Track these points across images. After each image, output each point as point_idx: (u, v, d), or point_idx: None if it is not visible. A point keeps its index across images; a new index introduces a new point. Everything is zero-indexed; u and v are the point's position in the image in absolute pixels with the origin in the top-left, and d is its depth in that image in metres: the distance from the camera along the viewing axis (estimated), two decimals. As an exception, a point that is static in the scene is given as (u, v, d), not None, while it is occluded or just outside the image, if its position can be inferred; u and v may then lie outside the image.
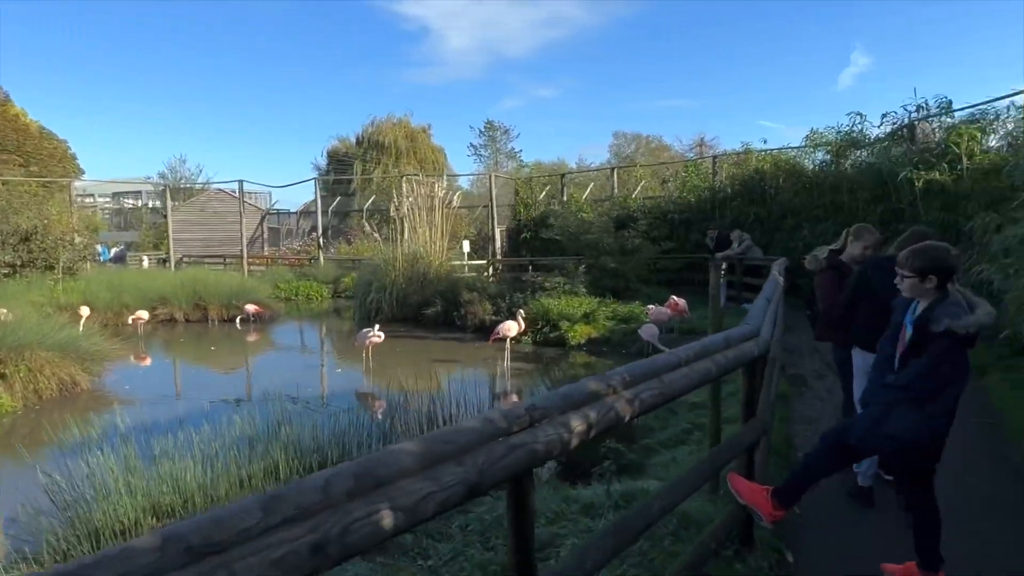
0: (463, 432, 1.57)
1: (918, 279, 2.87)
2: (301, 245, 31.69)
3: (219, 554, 1.08)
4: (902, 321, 3.02)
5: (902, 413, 2.83)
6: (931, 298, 2.87)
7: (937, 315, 2.77)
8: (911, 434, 2.82)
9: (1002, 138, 11.54)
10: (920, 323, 2.84)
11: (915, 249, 2.95)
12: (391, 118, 42.88)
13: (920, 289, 2.89)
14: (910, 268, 2.89)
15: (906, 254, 2.95)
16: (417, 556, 3.38)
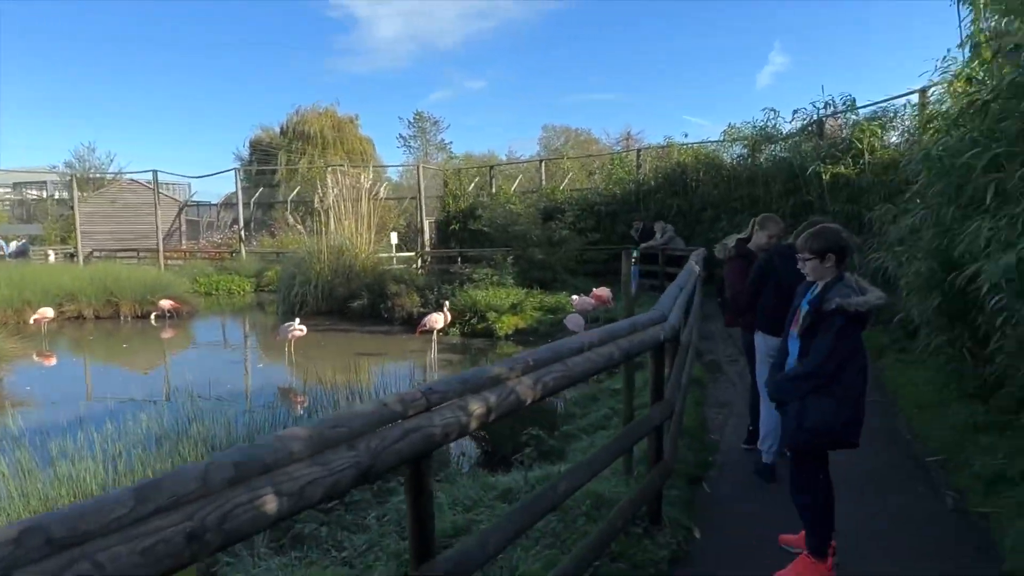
0: (355, 416, 1.56)
1: (818, 260, 3.02)
2: (222, 238, 30.51)
3: (81, 545, 1.04)
4: (800, 304, 3.17)
5: (815, 404, 2.95)
6: (830, 278, 3.02)
7: (830, 296, 2.92)
8: (829, 422, 2.94)
9: (900, 134, 12.28)
10: (815, 303, 2.98)
11: (811, 233, 3.11)
12: (317, 107, 41.79)
13: (821, 269, 3.03)
14: (809, 250, 3.05)
15: (804, 238, 3.12)
16: (331, 548, 3.34)
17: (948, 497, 4.06)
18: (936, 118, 6.99)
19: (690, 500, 4.03)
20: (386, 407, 1.65)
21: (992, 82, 5.16)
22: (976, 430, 4.81)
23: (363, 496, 4.04)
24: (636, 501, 3.13)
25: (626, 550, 3.18)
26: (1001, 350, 4.66)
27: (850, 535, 3.48)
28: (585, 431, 5.69)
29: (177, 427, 5.45)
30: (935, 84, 8.23)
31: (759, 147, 15.23)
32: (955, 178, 5.15)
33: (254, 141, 42.28)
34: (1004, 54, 5.01)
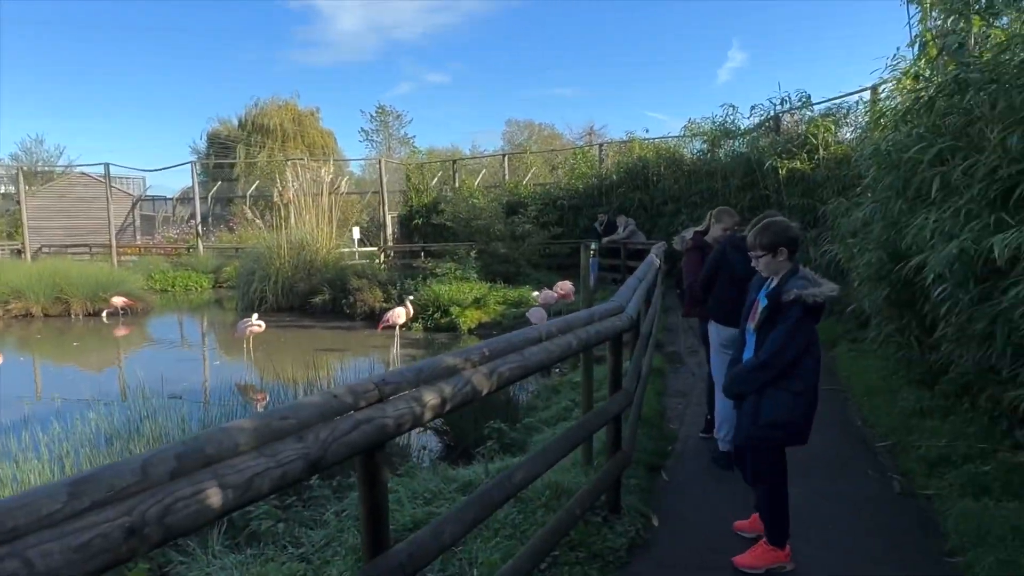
0: (304, 407, 1.54)
1: (770, 255, 3.03)
2: (179, 234, 29.79)
3: (11, 542, 1.01)
4: (756, 298, 3.16)
5: (771, 398, 2.94)
6: (784, 271, 3.03)
7: (788, 287, 2.94)
8: (786, 416, 2.94)
9: (853, 130, 12.60)
10: (773, 295, 2.98)
11: (759, 228, 3.11)
12: (276, 100, 41.14)
13: (774, 264, 3.04)
14: (760, 246, 3.05)
15: (753, 235, 3.11)
16: (288, 545, 3.30)
17: (895, 480, 4.19)
18: (885, 114, 7.18)
19: (649, 488, 4.09)
20: (336, 398, 1.63)
21: (937, 79, 5.33)
22: (922, 415, 4.98)
23: (321, 492, 3.99)
24: (594, 490, 3.16)
25: (585, 539, 3.21)
26: (945, 338, 4.82)
27: (803, 518, 3.58)
28: (547, 423, 5.72)
29: (129, 426, 5.31)
30: (886, 81, 8.45)
31: (718, 142, 15.48)
32: (903, 172, 5.31)
33: (212, 134, 41.43)
34: (948, 52, 5.17)
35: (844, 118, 12.67)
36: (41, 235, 27.18)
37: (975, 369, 4.47)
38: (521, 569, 2.46)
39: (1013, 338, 3.70)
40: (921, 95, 5.38)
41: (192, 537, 3.44)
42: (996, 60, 4.39)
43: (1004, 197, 3.76)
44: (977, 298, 4.12)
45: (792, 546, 3.15)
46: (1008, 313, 3.61)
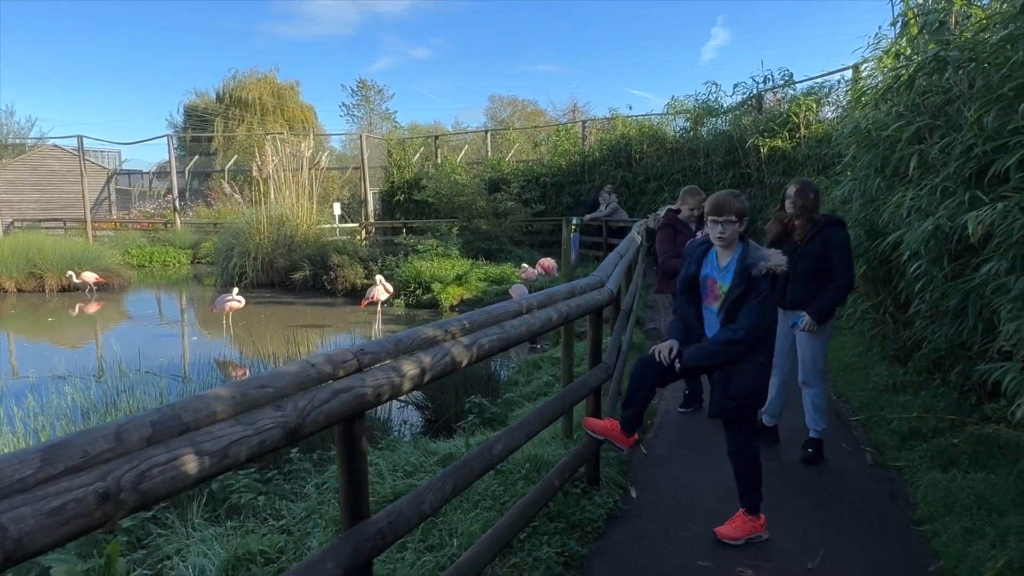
0: (282, 376, 1.53)
1: (739, 223, 2.96)
2: (155, 208, 29.31)
3: (-19, 508, 1.00)
4: (698, 273, 3.09)
5: (739, 372, 2.95)
6: (734, 244, 2.98)
7: (754, 259, 2.93)
8: (757, 387, 3.00)
9: (835, 109, 12.66)
10: (743, 271, 2.93)
11: (732, 194, 3.03)
12: (255, 73, 40.43)
13: (737, 233, 2.97)
14: (736, 213, 2.94)
15: (725, 202, 2.96)
16: (269, 517, 3.31)
17: (868, 453, 4.28)
18: (866, 93, 7.21)
19: (628, 461, 4.14)
20: (314, 367, 1.62)
21: (917, 58, 5.36)
22: (895, 390, 5.08)
23: (302, 465, 4.00)
24: (573, 461, 3.20)
25: (564, 510, 3.25)
26: (919, 314, 4.91)
27: (778, 490, 3.65)
28: (528, 398, 5.76)
29: (106, 400, 5.26)
30: (867, 60, 8.49)
31: (701, 120, 15.47)
32: (882, 150, 5.35)
33: (189, 107, 40.65)
34: (929, 30, 5.19)
35: (826, 97, 12.71)
36: (13, 209, 26.62)
37: (947, 345, 4.56)
38: (500, 538, 2.49)
39: (984, 314, 3.78)
40: (901, 74, 5.40)
41: (171, 510, 3.45)
42: (975, 39, 4.42)
43: (979, 175, 3.80)
44: (951, 275, 4.20)
45: (766, 516, 3.22)
46: (980, 289, 3.67)
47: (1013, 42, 3.56)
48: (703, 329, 3.12)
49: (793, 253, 3.78)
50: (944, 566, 2.90)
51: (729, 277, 2.99)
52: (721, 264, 3.05)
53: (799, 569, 2.93)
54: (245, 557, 2.75)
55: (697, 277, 3.10)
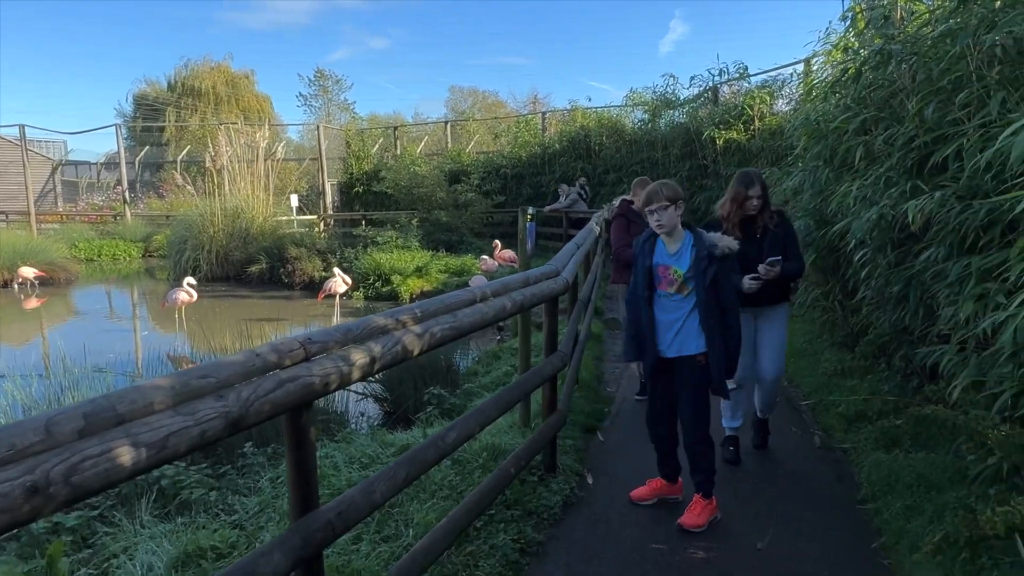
0: (225, 366, 1.50)
1: (674, 207, 3.04)
2: (104, 200, 28.33)
3: None
4: (651, 264, 3.14)
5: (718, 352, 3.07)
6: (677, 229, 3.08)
7: (710, 242, 3.06)
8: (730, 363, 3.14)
9: (787, 102, 12.93)
10: (708, 254, 3.02)
11: (662, 183, 3.11)
12: (209, 61, 39.37)
13: (675, 218, 3.05)
14: (668, 198, 3.03)
15: (654, 191, 3.06)
16: (221, 512, 3.25)
17: (816, 436, 4.41)
18: (816, 86, 7.37)
19: (585, 448, 4.19)
20: (259, 357, 1.60)
21: (864, 52, 5.50)
22: (843, 375, 5.24)
23: (256, 459, 3.94)
24: (529, 449, 3.21)
25: (521, 497, 3.27)
26: (865, 301, 5.06)
27: (731, 472, 3.74)
28: (487, 388, 5.76)
29: (49, 397, 5.08)
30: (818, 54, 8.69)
31: (659, 112, 15.64)
32: (830, 142, 5.48)
33: (138, 96, 39.38)
34: (875, 25, 5.33)
35: (779, 90, 12.97)
36: (-49, 201, 25.46)
37: (891, 330, 4.71)
38: (456, 526, 2.49)
39: (925, 299, 3.91)
40: (849, 67, 5.54)
41: (119, 507, 3.36)
42: (918, 34, 4.55)
43: (920, 165, 3.93)
44: (894, 262, 4.33)
45: (719, 498, 3.30)
46: (920, 275, 3.80)
47: (952, 37, 3.67)
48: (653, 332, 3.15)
49: (754, 247, 3.70)
50: (886, 542, 3.02)
51: (684, 261, 3.07)
52: (671, 251, 3.12)
53: (749, 549, 3.01)
54: (195, 553, 2.70)
55: (649, 269, 3.15)
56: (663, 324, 3.15)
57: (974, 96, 3.32)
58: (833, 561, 2.90)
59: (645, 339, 3.17)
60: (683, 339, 3.13)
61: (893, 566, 2.85)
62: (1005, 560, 2.54)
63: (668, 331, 3.14)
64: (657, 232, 3.11)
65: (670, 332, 3.14)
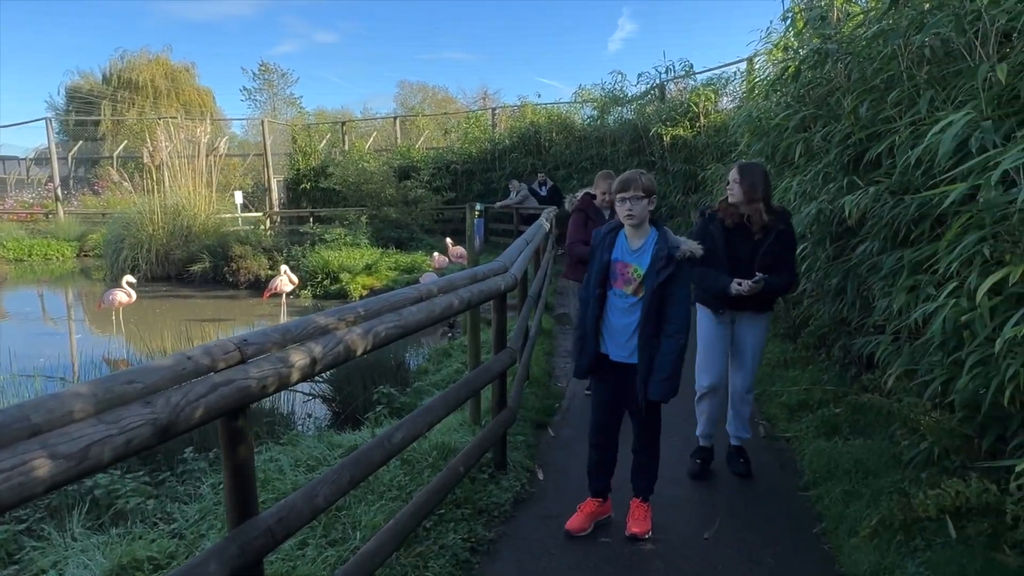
0: (151, 371, 1.43)
1: (648, 200, 2.84)
2: (35, 197, 27.03)
3: None
4: (609, 259, 2.92)
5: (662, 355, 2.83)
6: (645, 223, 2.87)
7: (674, 243, 2.84)
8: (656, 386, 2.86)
9: (731, 100, 13.21)
10: (669, 253, 2.81)
11: (640, 172, 2.89)
12: (146, 53, 37.94)
13: (646, 212, 2.85)
14: (644, 189, 2.82)
15: (632, 178, 2.84)
16: (160, 521, 3.12)
17: (761, 426, 4.51)
18: (758, 84, 7.55)
19: (536, 444, 4.19)
20: (190, 360, 1.53)
21: (803, 51, 5.65)
22: (786, 366, 5.38)
23: (197, 465, 3.81)
24: (479, 447, 3.19)
25: (471, 495, 3.25)
26: (806, 294, 5.21)
27: (677, 463, 3.80)
28: (437, 386, 5.71)
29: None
30: (760, 53, 8.92)
31: (607, 109, 15.80)
32: (771, 139, 5.63)
33: (71, 88, 37.72)
34: (812, 25, 5.49)
35: (724, 88, 13.25)
36: None
37: (830, 321, 4.87)
38: (403, 528, 2.45)
39: (861, 291, 4.05)
40: (788, 66, 5.69)
41: (48, 520, 3.20)
42: (853, 34, 4.70)
43: (856, 161, 4.06)
44: (832, 255, 4.47)
45: (666, 490, 3.34)
46: (857, 268, 3.93)
47: (884, 37, 3.80)
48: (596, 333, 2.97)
49: (749, 248, 3.43)
50: (826, 527, 3.11)
51: (646, 260, 2.86)
52: (633, 247, 2.91)
53: (696, 539, 3.06)
54: (131, 565, 2.58)
55: (607, 264, 2.92)
56: (617, 327, 2.93)
57: (905, 95, 3.44)
58: (777, 548, 2.97)
59: (588, 338, 2.97)
60: (635, 346, 2.89)
61: (833, 550, 2.94)
62: (937, 541, 2.64)
63: (622, 334, 2.92)
64: (626, 222, 2.88)
65: (624, 335, 2.92)
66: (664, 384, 2.82)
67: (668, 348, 2.81)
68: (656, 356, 2.82)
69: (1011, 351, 2.21)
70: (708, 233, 3.46)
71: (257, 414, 5.01)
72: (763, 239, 3.41)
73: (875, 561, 2.65)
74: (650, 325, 2.82)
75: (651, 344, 2.83)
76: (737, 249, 3.42)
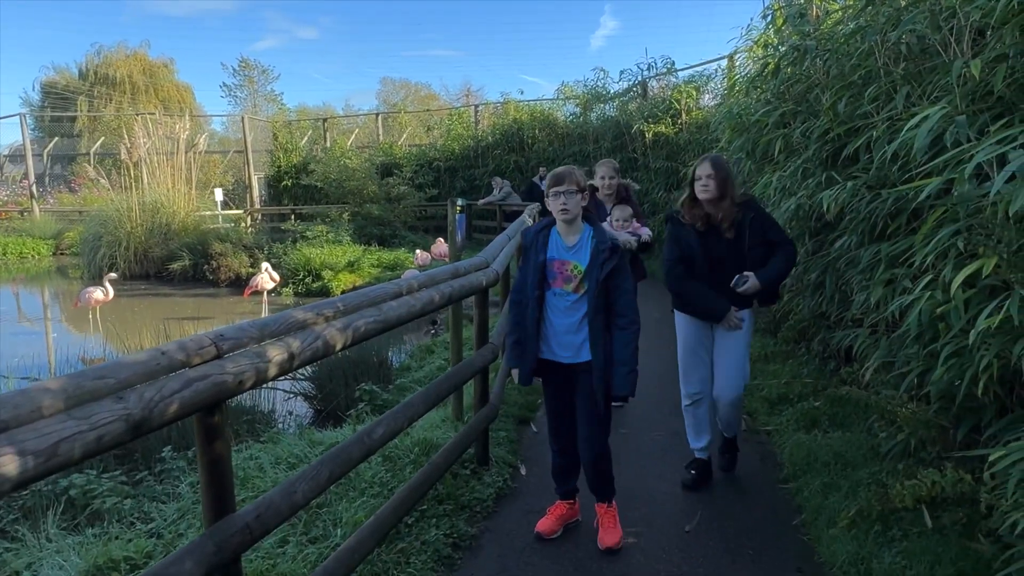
0: (124, 366, 1.41)
1: (581, 195, 2.77)
2: (9, 195, 26.56)
3: None
4: (545, 259, 2.81)
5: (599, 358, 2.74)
6: (578, 219, 2.80)
7: (609, 235, 2.85)
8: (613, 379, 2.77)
9: (713, 96, 13.28)
10: (612, 245, 2.76)
11: (569, 168, 2.83)
12: (123, 48, 37.45)
13: (579, 207, 2.78)
14: (576, 184, 2.75)
15: (566, 172, 2.78)
16: (137, 521, 3.08)
17: (742, 419, 4.54)
18: (739, 81, 7.60)
19: (518, 440, 4.19)
20: (164, 355, 1.50)
21: (782, 48, 5.69)
22: (767, 359, 5.42)
23: (175, 463, 3.76)
24: (461, 442, 3.18)
25: (453, 491, 3.24)
26: (786, 288, 5.25)
27: (662, 456, 3.81)
28: (420, 383, 5.69)
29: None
30: (740, 50, 8.98)
31: (590, 106, 15.83)
32: (752, 135, 5.66)
33: (46, 84, 37.14)
34: (792, 22, 5.53)
35: (705, 84, 13.30)
36: None
37: (810, 315, 4.91)
38: (384, 524, 2.44)
39: (840, 285, 4.09)
40: (768, 63, 5.73)
41: (21, 521, 3.14)
42: (831, 31, 4.74)
43: (834, 157, 4.09)
44: (811, 250, 4.51)
45: (648, 484, 3.35)
46: (835, 263, 3.97)
47: (861, 34, 3.83)
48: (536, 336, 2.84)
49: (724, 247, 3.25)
50: (805, 519, 3.14)
51: (584, 256, 2.77)
52: (569, 244, 2.82)
53: (678, 532, 3.07)
54: (107, 566, 2.55)
55: (542, 264, 2.81)
56: (560, 327, 2.82)
57: (882, 91, 3.47)
58: (758, 539, 2.99)
59: (528, 342, 2.85)
60: (581, 343, 2.80)
61: (813, 541, 2.96)
62: (913, 530, 2.68)
63: (566, 334, 2.81)
64: (560, 217, 2.80)
65: (568, 335, 2.81)
66: (630, 377, 2.74)
67: (625, 339, 2.75)
68: (613, 350, 2.75)
69: (984, 342, 2.24)
70: (681, 239, 3.30)
71: (237, 412, 4.96)
72: (738, 236, 3.22)
73: (853, 551, 2.67)
74: (599, 319, 2.75)
75: (603, 338, 2.75)
76: (711, 251, 3.24)
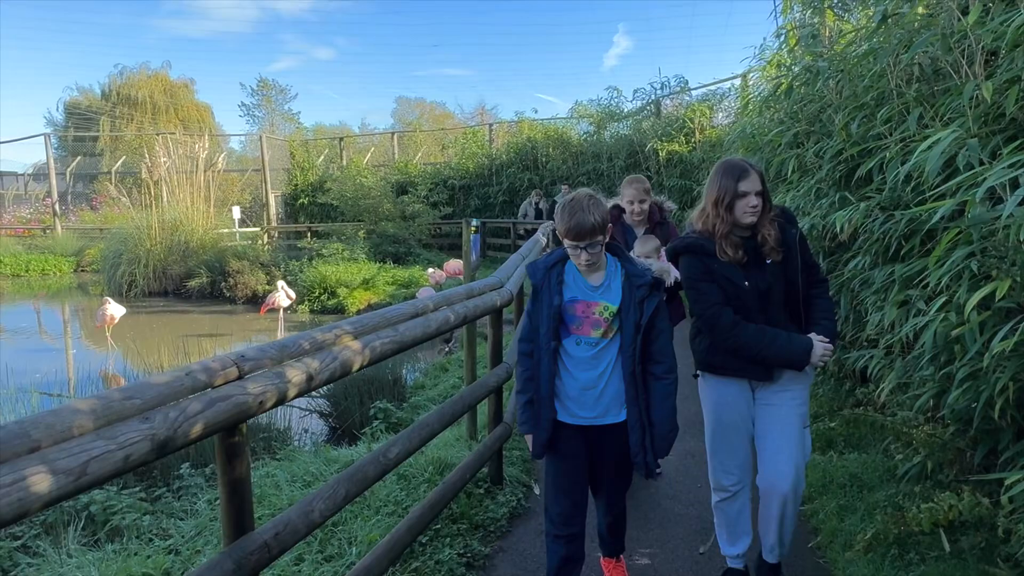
0: (150, 387, 1.45)
1: (604, 236, 2.22)
2: (32, 213, 27.07)
3: None
4: (562, 301, 2.24)
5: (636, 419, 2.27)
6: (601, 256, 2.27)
7: (642, 265, 2.34)
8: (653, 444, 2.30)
9: (727, 115, 13.33)
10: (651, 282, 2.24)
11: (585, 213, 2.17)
12: (145, 70, 38.27)
13: (603, 251, 2.28)
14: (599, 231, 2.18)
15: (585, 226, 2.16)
16: (155, 538, 3.12)
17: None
18: (752, 100, 7.63)
19: (531, 459, 4.19)
20: (188, 376, 1.55)
21: (795, 68, 5.73)
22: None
23: (194, 481, 3.81)
24: (475, 462, 3.20)
25: (467, 511, 3.25)
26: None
27: (677, 481, 3.80)
28: (433, 401, 5.72)
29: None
30: (754, 70, 9.03)
31: (604, 124, 15.94)
32: (765, 154, 5.68)
33: (70, 104, 37.99)
34: (804, 43, 5.57)
35: (719, 103, 13.38)
36: None
37: (825, 335, 4.88)
38: (399, 543, 2.46)
39: (854, 306, 4.08)
40: (781, 83, 5.76)
41: (43, 536, 3.19)
42: (844, 52, 4.77)
43: (847, 177, 4.11)
44: (825, 270, 4.50)
45: (662, 505, 3.34)
46: (849, 283, 3.97)
47: (874, 55, 3.86)
48: (551, 396, 2.29)
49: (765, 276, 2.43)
50: (821, 541, 3.11)
51: (615, 293, 2.25)
52: (593, 283, 2.27)
53: (690, 554, 3.06)
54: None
55: (558, 308, 2.24)
56: (582, 382, 2.27)
57: (895, 112, 3.49)
58: (772, 562, 2.97)
59: (543, 405, 2.28)
60: (608, 401, 2.28)
61: (829, 563, 2.94)
62: (931, 554, 2.65)
63: (588, 390, 2.27)
64: (583, 270, 2.26)
65: (590, 391, 2.27)
66: (671, 436, 2.29)
67: (665, 391, 2.25)
68: (653, 406, 2.26)
69: (1000, 365, 2.24)
70: (716, 273, 2.43)
71: (254, 429, 5.01)
72: (784, 259, 2.43)
73: (870, 575, 2.65)
74: (638, 369, 2.23)
75: (643, 393, 2.25)
76: (758, 283, 2.42)
